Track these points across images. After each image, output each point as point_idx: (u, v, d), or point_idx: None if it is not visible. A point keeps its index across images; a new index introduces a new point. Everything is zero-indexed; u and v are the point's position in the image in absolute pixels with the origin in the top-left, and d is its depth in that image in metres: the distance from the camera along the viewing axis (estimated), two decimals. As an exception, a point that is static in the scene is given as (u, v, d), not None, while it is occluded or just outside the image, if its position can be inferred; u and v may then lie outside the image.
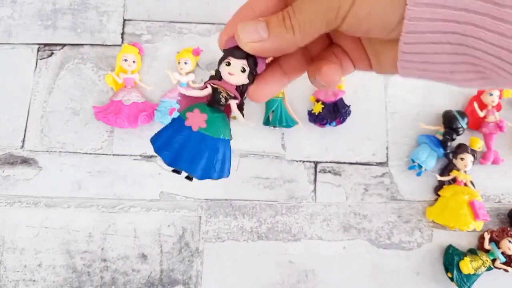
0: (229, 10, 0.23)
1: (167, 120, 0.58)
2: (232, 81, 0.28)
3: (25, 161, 0.60)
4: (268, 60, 0.26)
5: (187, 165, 0.31)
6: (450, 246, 0.58)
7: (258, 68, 0.26)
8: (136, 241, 0.58)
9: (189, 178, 0.33)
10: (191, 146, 0.31)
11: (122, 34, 0.65)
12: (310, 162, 0.62)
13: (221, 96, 0.30)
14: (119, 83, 0.61)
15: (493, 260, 0.56)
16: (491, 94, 0.62)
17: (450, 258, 0.57)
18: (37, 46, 0.64)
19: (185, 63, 0.61)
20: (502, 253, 0.56)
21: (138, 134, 0.61)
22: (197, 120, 0.31)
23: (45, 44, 0.64)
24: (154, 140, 0.32)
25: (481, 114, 0.62)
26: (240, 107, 0.30)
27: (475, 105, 0.62)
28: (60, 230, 0.58)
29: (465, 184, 0.59)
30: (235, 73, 0.26)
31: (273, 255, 0.58)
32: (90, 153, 0.61)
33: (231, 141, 0.33)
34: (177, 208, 0.59)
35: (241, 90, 0.28)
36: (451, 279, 0.56)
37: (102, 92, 0.63)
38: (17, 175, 0.60)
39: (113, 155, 0.60)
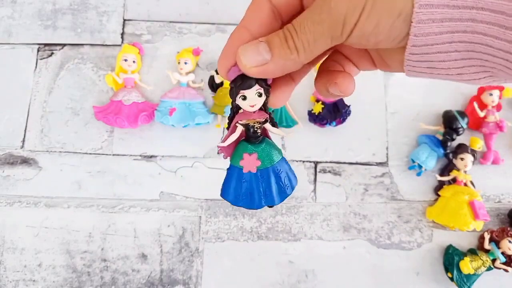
0: (229, 10, 0.23)
1: (167, 120, 0.58)
2: (255, 110, 0.28)
3: (25, 161, 0.60)
4: None
5: (266, 200, 0.34)
6: (450, 246, 0.58)
7: (269, 82, 0.26)
8: (136, 241, 0.58)
9: (270, 206, 0.35)
10: (260, 185, 0.34)
11: (122, 34, 0.65)
12: (310, 162, 0.62)
13: (255, 129, 0.31)
14: (119, 83, 0.61)
15: (493, 260, 0.56)
16: (491, 94, 0.62)
17: (450, 258, 0.57)
18: (37, 46, 0.64)
19: (185, 63, 0.61)
20: (502, 253, 0.56)
21: (138, 134, 0.61)
22: (251, 163, 0.33)
23: (45, 44, 0.64)
24: (225, 195, 0.34)
25: (481, 114, 0.62)
26: (273, 123, 0.30)
27: (475, 105, 0.62)
28: (60, 230, 0.58)
29: (465, 184, 0.59)
30: (255, 102, 0.26)
31: (273, 255, 0.58)
32: (90, 153, 0.61)
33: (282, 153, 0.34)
34: (177, 208, 0.59)
35: (265, 108, 0.28)
36: (451, 279, 0.56)
37: (102, 92, 0.63)
38: (17, 175, 0.60)
39: (113, 155, 0.60)
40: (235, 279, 0.58)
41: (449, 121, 0.61)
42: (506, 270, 0.56)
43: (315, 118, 0.61)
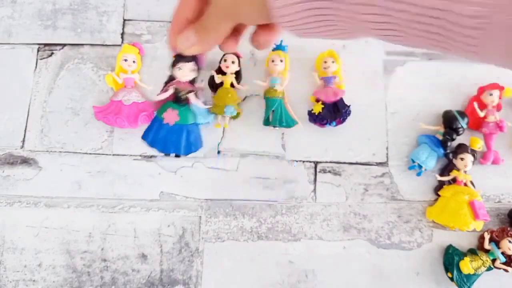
0: (229, 10, 0.23)
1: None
2: (184, 79, 0.45)
3: (25, 161, 0.60)
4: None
5: (174, 149, 0.48)
6: (450, 246, 0.58)
7: (200, 61, 0.40)
8: (136, 241, 0.58)
9: (177, 156, 0.50)
10: (173, 135, 0.47)
11: (122, 34, 0.65)
12: (310, 162, 0.62)
13: (180, 95, 0.47)
14: (119, 83, 0.61)
15: (493, 260, 0.56)
16: (491, 94, 0.62)
17: (450, 258, 0.57)
18: (37, 46, 0.64)
19: (185, 63, 0.61)
20: (502, 253, 0.56)
21: (138, 134, 0.61)
22: (172, 117, 0.46)
23: (45, 44, 0.64)
24: (145, 137, 0.49)
25: (481, 114, 0.62)
26: (197, 96, 0.49)
27: (475, 105, 0.62)
28: (60, 230, 0.58)
29: (465, 184, 0.59)
30: (186, 74, 0.43)
31: (273, 255, 0.58)
32: (90, 153, 0.61)
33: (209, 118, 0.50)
34: (177, 208, 0.59)
35: (192, 83, 0.45)
36: (451, 279, 0.56)
37: (102, 92, 0.63)
38: (17, 175, 0.60)
39: (113, 155, 0.60)
40: (235, 279, 0.58)
41: (449, 121, 0.61)
42: (506, 270, 0.56)
43: (315, 118, 0.61)
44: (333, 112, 0.60)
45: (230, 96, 0.58)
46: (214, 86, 0.61)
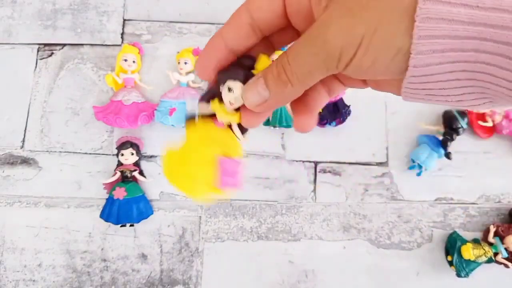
0: (229, 10, 0.22)
1: (167, 120, 0.58)
2: (127, 162, 0.59)
3: (25, 161, 0.60)
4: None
5: (128, 219, 0.56)
6: (454, 232, 0.59)
7: (140, 147, 0.48)
8: (136, 241, 0.58)
9: (132, 225, 0.58)
10: (125, 208, 0.56)
11: (122, 34, 0.65)
12: (310, 162, 0.62)
13: (126, 174, 0.58)
14: (119, 83, 0.61)
15: (495, 254, 0.56)
16: None
17: (453, 242, 0.57)
18: (37, 46, 0.64)
19: (185, 63, 0.61)
20: (505, 249, 0.56)
21: (138, 134, 0.61)
22: (120, 193, 0.56)
23: (45, 44, 0.64)
24: (102, 214, 0.57)
25: (490, 123, 0.62)
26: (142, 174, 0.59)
27: (480, 123, 0.62)
28: (60, 230, 0.58)
29: (230, 128, 0.29)
30: (128, 158, 0.44)
31: (273, 255, 0.58)
32: (90, 153, 0.61)
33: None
34: (177, 208, 0.59)
35: (136, 164, 0.60)
36: (450, 262, 0.56)
37: (102, 92, 0.63)
38: (17, 175, 0.60)
39: (113, 155, 0.60)
40: (235, 279, 0.58)
41: (449, 121, 0.61)
42: (506, 266, 0.56)
43: (315, 118, 0.61)
44: (333, 112, 0.60)
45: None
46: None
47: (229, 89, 0.23)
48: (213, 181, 0.26)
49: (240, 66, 0.23)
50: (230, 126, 0.26)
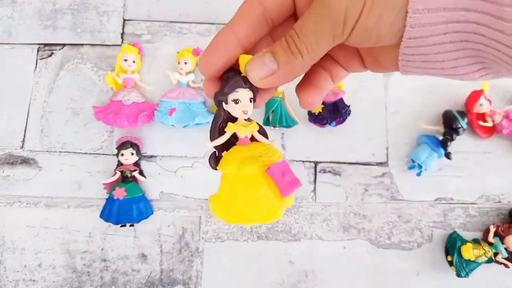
0: (229, 10, 0.22)
1: (167, 120, 0.58)
2: (127, 162, 0.59)
3: (25, 161, 0.60)
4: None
5: (128, 219, 0.56)
6: (454, 232, 0.59)
7: (140, 147, 0.47)
8: (136, 241, 0.58)
9: (132, 225, 0.57)
10: (125, 208, 0.56)
11: (122, 34, 0.65)
12: (310, 162, 0.62)
13: (127, 174, 0.57)
14: (119, 83, 0.61)
15: (495, 254, 0.56)
16: (481, 104, 0.62)
17: (453, 242, 0.57)
18: (37, 46, 0.64)
19: (185, 63, 0.61)
20: (505, 249, 0.56)
21: (138, 134, 0.61)
22: (120, 193, 0.56)
23: (45, 44, 0.64)
24: (102, 214, 0.57)
25: (490, 123, 0.62)
26: (142, 174, 0.58)
27: (481, 123, 0.62)
28: (60, 230, 0.58)
29: (253, 140, 0.27)
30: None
31: (273, 255, 0.58)
32: (90, 153, 0.61)
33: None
34: (177, 208, 0.59)
35: (136, 164, 0.58)
36: (450, 262, 0.56)
37: (102, 92, 0.63)
38: (17, 175, 0.60)
39: (113, 155, 0.60)
40: (235, 279, 0.58)
41: (449, 121, 0.61)
42: (506, 266, 0.56)
43: (315, 118, 0.61)
44: (333, 112, 0.60)
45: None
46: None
47: (235, 101, 0.23)
48: (276, 193, 0.25)
49: (230, 77, 0.23)
50: (253, 139, 0.26)
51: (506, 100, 0.65)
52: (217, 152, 0.26)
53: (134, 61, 0.61)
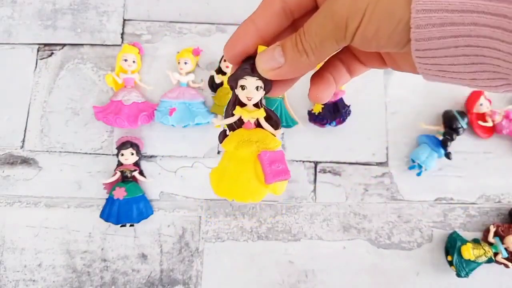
0: (229, 10, 0.23)
1: (167, 120, 0.58)
2: (127, 162, 0.57)
3: (25, 161, 0.60)
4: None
5: (127, 220, 0.56)
6: (454, 232, 0.59)
7: (140, 147, 0.46)
8: (136, 241, 0.58)
9: (132, 225, 0.57)
10: (125, 208, 0.56)
11: (122, 34, 0.65)
12: (310, 162, 0.62)
13: (126, 174, 0.57)
14: (119, 83, 0.61)
15: (495, 254, 0.56)
16: (481, 104, 0.62)
17: (452, 242, 0.57)
18: (37, 46, 0.64)
19: (185, 63, 0.61)
20: (505, 249, 0.56)
21: (138, 134, 0.61)
22: (120, 193, 0.56)
23: (45, 44, 0.64)
24: (102, 214, 0.56)
25: (490, 123, 0.62)
26: (142, 173, 0.58)
27: (480, 123, 0.62)
28: (60, 230, 0.58)
29: (258, 125, 0.28)
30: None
31: (273, 255, 0.58)
32: (90, 153, 0.61)
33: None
34: (177, 208, 0.59)
35: (136, 164, 0.56)
36: (450, 262, 0.56)
37: (102, 92, 0.63)
38: (17, 175, 0.60)
39: (113, 155, 0.60)
40: (235, 279, 0.58)
41: (449, 121, 0.61)
42: (506, 266, 0.56)
43: (315, 118, 0.61)
44: (333, 112, 0.60)
45: (230, 96, 0.58)
46: (214, 86, 0.61)
47: (242, 87, 0.25)
48: (260, 178, 0.27)
49: (242, 65, 0.24)
50: (259, 125, 0.27)
51: (506, 100, 0.66)
52: (227, 131, 0.28)
53: (134, 61, 0.61)
